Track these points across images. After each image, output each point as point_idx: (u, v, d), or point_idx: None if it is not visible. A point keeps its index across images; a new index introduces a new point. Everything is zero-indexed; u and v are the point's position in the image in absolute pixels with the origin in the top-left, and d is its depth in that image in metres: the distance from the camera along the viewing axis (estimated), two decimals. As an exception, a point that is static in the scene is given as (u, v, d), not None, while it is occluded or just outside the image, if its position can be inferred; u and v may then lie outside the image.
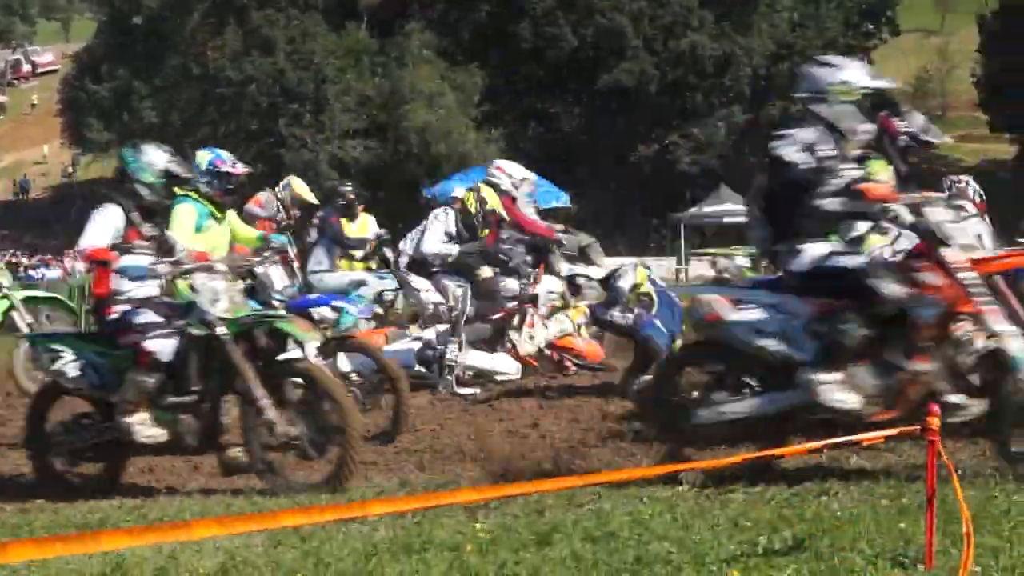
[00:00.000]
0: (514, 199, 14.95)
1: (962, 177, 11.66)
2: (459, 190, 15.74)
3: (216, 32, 75.03)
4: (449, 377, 13.19)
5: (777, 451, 6.30)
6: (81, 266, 45.15)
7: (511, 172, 15.34)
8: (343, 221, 17.98)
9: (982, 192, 11.31)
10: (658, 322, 12.64)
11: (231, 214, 11.73)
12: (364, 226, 19.12)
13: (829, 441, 6.28)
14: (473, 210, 14.39)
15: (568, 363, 14.39)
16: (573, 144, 72.64)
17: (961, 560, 5.61)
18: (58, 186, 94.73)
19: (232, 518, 6.43)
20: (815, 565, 5.98)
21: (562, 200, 29.23)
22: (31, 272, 53.66)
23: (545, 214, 18.07)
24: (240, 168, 11.76)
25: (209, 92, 72.53)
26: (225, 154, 11.80)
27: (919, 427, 5.86)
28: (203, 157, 11.76)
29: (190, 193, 11.25)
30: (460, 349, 13.31)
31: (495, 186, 14.84)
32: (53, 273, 52.59)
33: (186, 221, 11.16)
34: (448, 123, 68.16)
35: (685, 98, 73.24)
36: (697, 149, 71.09)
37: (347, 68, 72.29)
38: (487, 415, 11.65)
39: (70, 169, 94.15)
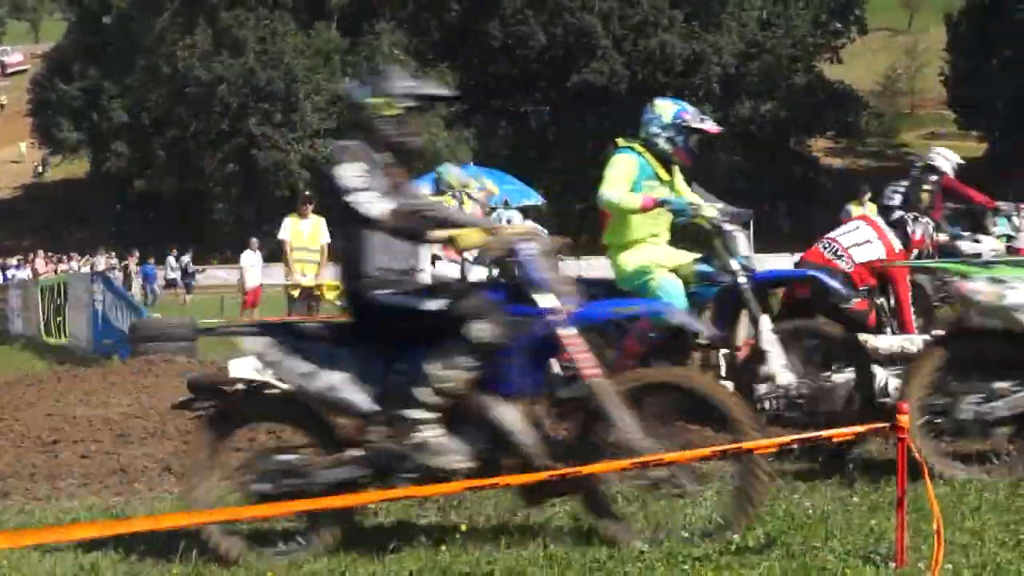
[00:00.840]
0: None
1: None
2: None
3: (186, 32, 74.82)
4: None
5: (746, 445, 6.31)
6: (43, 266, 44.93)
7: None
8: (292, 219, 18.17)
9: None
10: None
11: (679, 177, 10.17)
12: (317, 228, 19.07)
13: (798, 436, 6.30)
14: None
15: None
16: (543, 143, 72.72)
17: (932, 557, 5.65)
18: (29, 185, 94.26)
19: (200, 511, 6.43)
20: (787, 563, 6.00)
21: (533, 199, 29.22)
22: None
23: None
24: (711, 126, 10.27)
25: (179, 92, 72.28)
26: (692, 108, 10.26)
27: (889, 425, 5.89)
28: (666, 108, 10.23)
29: (635, 146, 9.96)
30: None
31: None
32: (23, 273, 52.32)
33: (620, 174, 9.75)
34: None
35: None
36: (666, 148, 71.10)
37: (317, 67, 72.24)
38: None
39: (40, 169, 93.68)
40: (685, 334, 8.72)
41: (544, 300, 6.59)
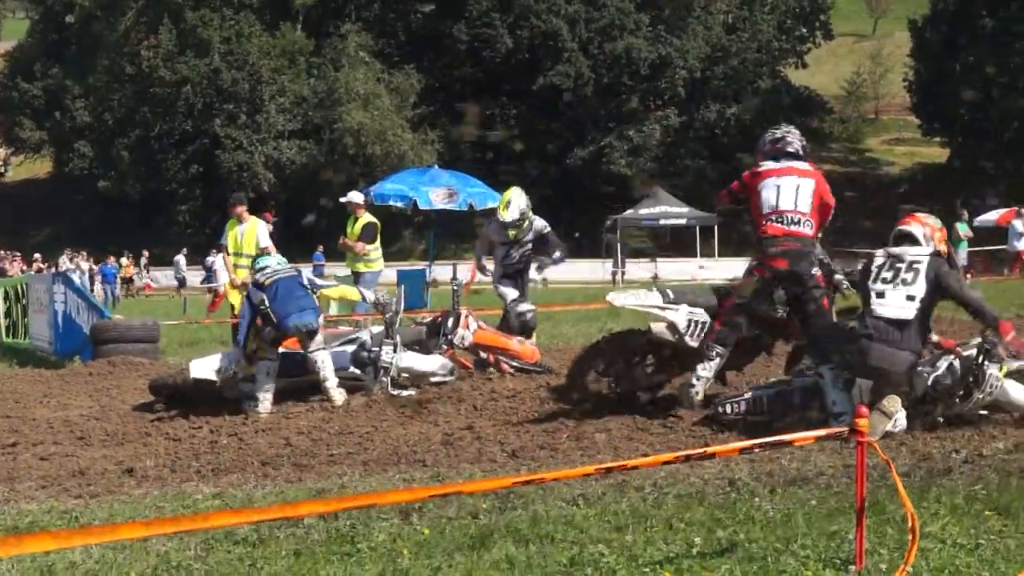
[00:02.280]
0: None
1: None
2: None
3: (150, 32, 74.53)
4: (384, 379, 13.13)
5: (709, 450, 6.32)
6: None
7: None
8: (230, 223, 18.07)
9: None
10: None
11: None
12: (252, 231, 18.85)
13: (760, 441, 6.32)
14: None
15: (504, 365, 14.39)
16: (508, 146, 72.83)
17: (905, 557, 5.68)
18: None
19: (161, 520, 6.39)
20: (748, 566, 6.02)
21: (497, 202, 29.25)
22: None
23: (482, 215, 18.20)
24: None
25: (143, 92, 71.98)
26: None
27: (848, 429, 5.92)
28: None
29: None
30: (395, 351, 13.26)
31: None
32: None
33: None
34: (383, 124, 68.08)
35: (620, 100, 73.50)
36: (632, 151, 71.32)
37: (282, 69, 72.08)
38: (422, 418, 11.62)
39: (1, 168, 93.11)
40: None
41: None
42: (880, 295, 9.54)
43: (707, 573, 5.98)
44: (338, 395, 12.62)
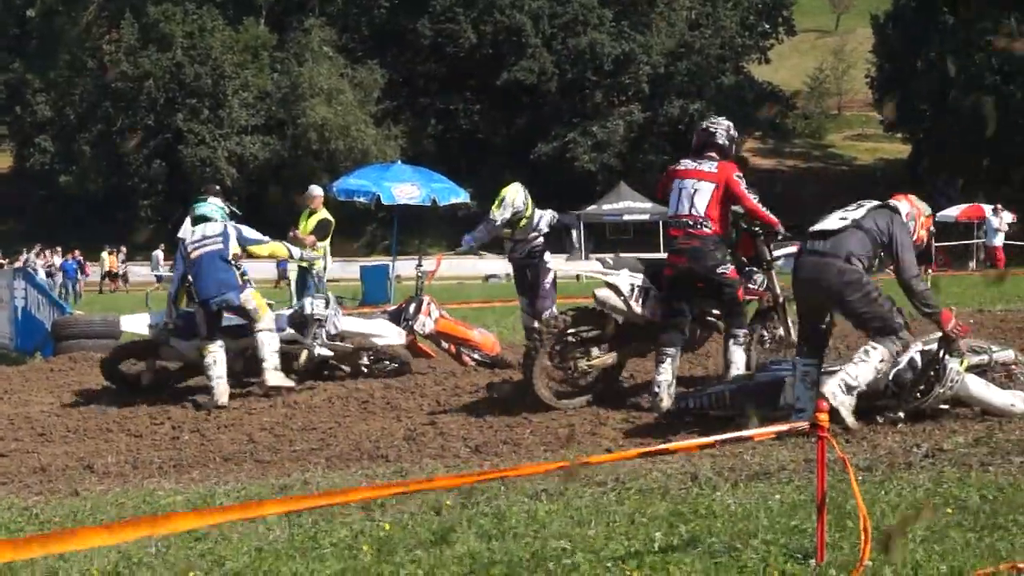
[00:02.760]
0: None
1: None
2: None
3: (112, 26, 74.10)
4: (319, 331, 13.20)
5: (671, 446, 6.34)
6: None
7: None
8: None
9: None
10: None
11: None
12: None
13: (720, 437, 6.33)
14: None
15: (466, 358, 14.40)
16: (473, 141, 72.80)
17: (859, 554, 5.70)
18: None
19: (122, 523, 6.36)
20: (709, 561, 6.04)
21: (461, 197, 29.24)
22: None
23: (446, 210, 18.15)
24: None
25: (105, 87, 71.56)
26: None
27: (809, 424, 5.94)
28: None
29: None
30: (327, 306, 13.33)
31: None
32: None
33: None
34: (347, 119, 67.96)
35: (584, 96, 73.56)
36: (597, 147, 71.38)
37: (245, 63, 71.80)
38: (384, 413, 11.61)
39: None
40: None
41: None
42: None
43: (670, 567, 5.99)
44: (271, 376, 12.76)
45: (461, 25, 73.12)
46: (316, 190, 20.56)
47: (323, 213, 19.71)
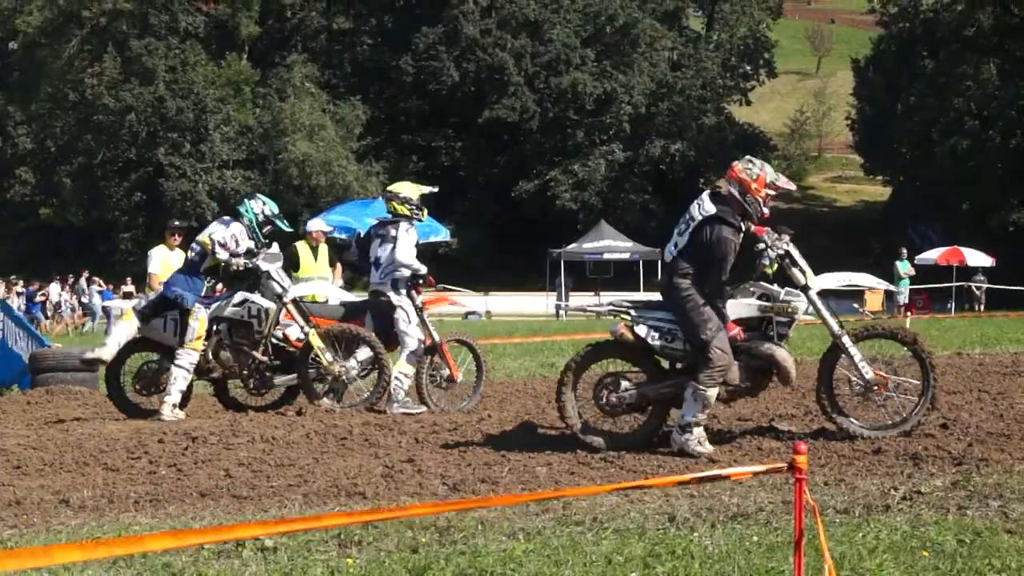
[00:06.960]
0: None
1: None
2: None
3: (94, 60, 74.22)
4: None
5: (648, 482, 6.33)
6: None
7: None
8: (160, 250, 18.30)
9: None
10: None
11: None
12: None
13: (697, 475, 6.33)
14: None
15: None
16: (454, 178, 72.96)
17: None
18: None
19: (94, 542, 6.33)
20: (686, 601, 6.03)
21: (442, 235, 29.26)
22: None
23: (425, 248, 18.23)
24: None
25: (86, 120, 71.62)
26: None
27: (786, 465, 5.93)
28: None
29: None
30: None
31: None
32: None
33: None
34: (329, 155, 68.11)
35: (566, 135, 73.80)
36: (578, 185, 71.57)
37: (227, 98, 71.93)
38: (362, 449, 11.58)
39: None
40: None
41: None
42: None
43: (646, 608, 5.98)
44: (167, 411, 13.71)
45: (443, 63, 73.41)
46: (319, 224, 20.74)
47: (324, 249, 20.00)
